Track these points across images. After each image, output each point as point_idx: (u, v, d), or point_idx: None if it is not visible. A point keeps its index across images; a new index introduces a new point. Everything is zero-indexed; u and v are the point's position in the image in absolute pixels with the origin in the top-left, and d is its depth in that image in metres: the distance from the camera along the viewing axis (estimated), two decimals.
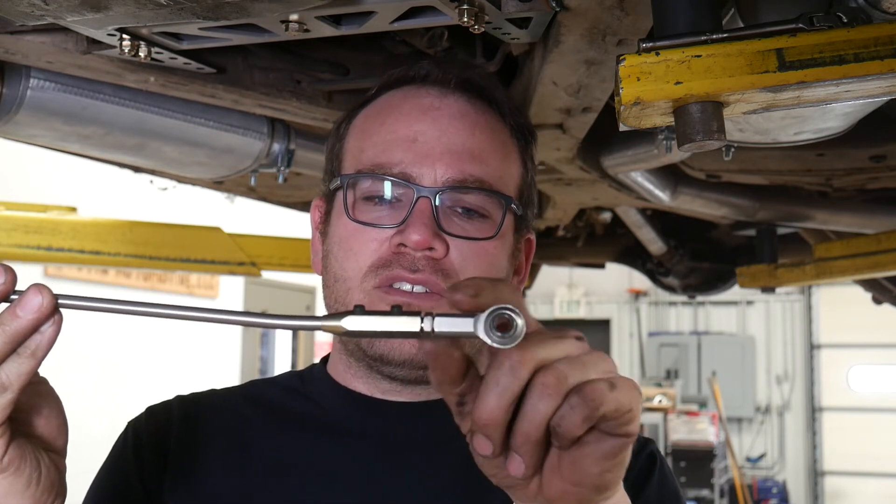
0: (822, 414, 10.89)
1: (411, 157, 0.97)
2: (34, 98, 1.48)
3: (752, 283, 2.90)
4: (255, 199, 2.76)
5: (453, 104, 1.02)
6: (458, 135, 0.99)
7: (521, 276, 1.08)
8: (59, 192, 5.11)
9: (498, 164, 1.01)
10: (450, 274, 0.95)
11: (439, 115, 1.00)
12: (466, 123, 1.00)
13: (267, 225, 3.69)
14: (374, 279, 0.96)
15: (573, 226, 3.20)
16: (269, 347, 9.07)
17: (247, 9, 1.03)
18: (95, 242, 2.46)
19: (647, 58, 0.85)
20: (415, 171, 0.97)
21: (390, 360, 0.96)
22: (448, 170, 0.97)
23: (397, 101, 1.04)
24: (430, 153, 0.97)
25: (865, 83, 0.83)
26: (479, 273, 0.97)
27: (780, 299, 11.12)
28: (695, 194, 2.36)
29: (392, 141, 0.99)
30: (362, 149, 1.02)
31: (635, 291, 11.56)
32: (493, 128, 1.02)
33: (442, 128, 0.99)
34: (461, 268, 0.96)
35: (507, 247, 1.01)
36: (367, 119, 1.05)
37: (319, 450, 1.00)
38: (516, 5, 1.12)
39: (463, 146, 0.98)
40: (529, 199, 1.07)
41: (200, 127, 1.71)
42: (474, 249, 0.97)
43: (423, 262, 0.94)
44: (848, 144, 1.87)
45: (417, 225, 0.94)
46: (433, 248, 0.94)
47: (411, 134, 0.99)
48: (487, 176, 0.98)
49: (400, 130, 1.00)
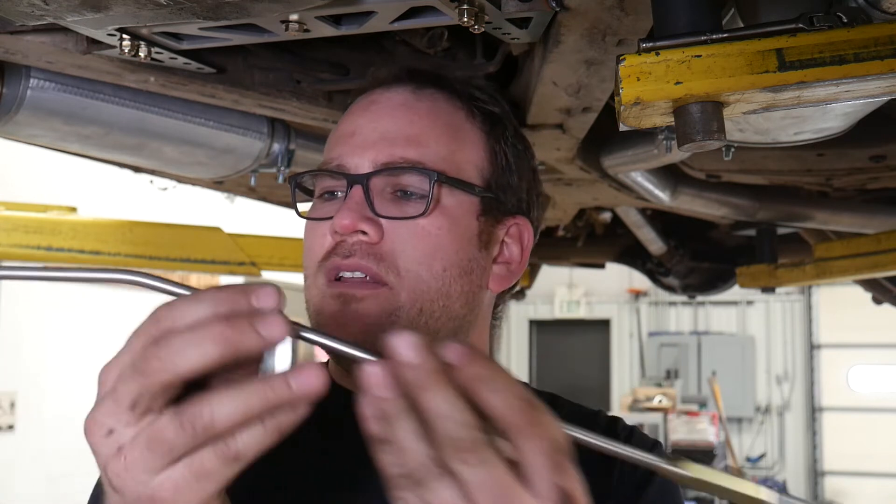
0: (822, 414, 10.89)
1: (348, 150, 0.99)
2: (34, 98, 1.48)
3: (752, 283, 2.90)
4: (255, 199, 2.76)
5: (393, 96, 1.02)
6: (395, 122, 1.00)
7: (512, 264, 1.06)
8: (59, 192, 5.11)
9: (442, 147, 0.99)
10: (385, 257, 0.95)
11: (378, 107, 1.01)
12: (404, 111, 1.01)
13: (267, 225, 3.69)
14: (321, 272, 0.97)
15: (573, 226, 3.20)
16: None
17: (247, 9, 1.03)
18: (95, 242, 2.46)
19: (647, 58, 0.85)
20: (350, 162, 0.98)
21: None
22: (379, 155, 0.97)
23: (352, 106, 1.06)
24: (363, 143, 0.99)
25: (865, 83, 0.83)
26: (421, 253, 0.96)
27: (780, 299, 11.12)
28: (695, 194, 2.36)
29: (335, 140, 1.02)
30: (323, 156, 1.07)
31: (635, 291, 11.56)
32: (438, 112, 1.02)
33: (378, 119, 1.00)
34: (399, 250, 0.95)
35: (458, 228, 0.99)
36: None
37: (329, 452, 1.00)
38: (516, 5, 1.12)
39: (398, 132, 0.99)
40: (504, 183, 1.05)
41: (200, 127, 1.71)
42: (411, 230, 0.96)
43: (356, 248, 0.94)
44: (848, 144, 1.87)
45: (344, 210, 0.94)
46: (364, 231, 0.94)
47: (351, 129, 1.01)
48: (425, 158, 0.98)
49: (342, 129, 1.02)
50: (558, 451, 0.60)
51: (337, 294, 0.94)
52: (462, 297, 0.99)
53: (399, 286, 0.94)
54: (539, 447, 0.59)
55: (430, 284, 0.96)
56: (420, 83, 1.04)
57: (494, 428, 0.60)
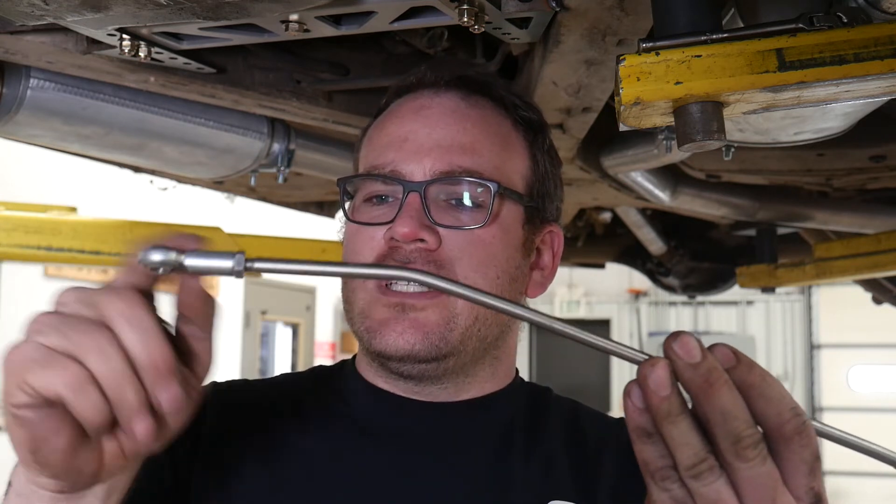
0: (822, 414, 10.88)
1: (402, 156, 0.99)
2: (34, 98, 1.48)
3: (752, 283, 2.90)
4: (255, 199, 2.76)
5: (445, 101, 1.03)
6: (448, 129, 1.00)
7: (544, 270, 1.09)
8: (59, 192, 5.11)
9: (494, 156, 1.01)
10: (443, 265, 0.96)
11: (430, 112, 1.02)
12: (457, 118, 1.01)
13: (267, 225, 3.69)
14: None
15: (573, 226, 3.21)
16: (269, 347, 9.08)
17: (247, 9, 1.03)
18: (95, 242, 2.46)
19: (647, 58, 0.85)
20: (405, 168, 0.98)
21: (389, 355, 0.96)
22: (436, 163, 0.98)
23: (396, 107, 1.06)
24: (419, 150, 0.99)
25: (865, 83, 0.83)
26: (476, 262, 0.97)
27: (780, 299, 11.12)
28: (695, 194, 2.36)
29: (386, 143, 1.02)
30: (365, 156, 1.05)
31: (635, 291, 11.56)
32: (488, 121, 1.03)
33: (431, 125, 1.00)
34: (455, 258, 0.96)
35: (510, 237, 1.01)
36: (373, 129, 1.08)
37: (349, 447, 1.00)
38: (516, 5, 1.12)
39: (453, 140, 0.99)
40: (544, 192, 1.07)
41: (200, 127, 1.71)
42: (468, 239, 0.97)
43: (416, 255, 0.95)
44: (848, 144, 1.87)
45: (405, 217, 0.95)
46: (423, 239, 0.95)
47: (403, 134, 1.01)
48: (479, 167, 0.99)
49: (393, 132, 1.02)
50: (817, 458, 0.64)
51: (395, 303, 0.95)
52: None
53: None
54: (802, 455, 0.62)
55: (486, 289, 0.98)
56: (468, 90, 1.04)
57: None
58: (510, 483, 0.98)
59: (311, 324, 9.26)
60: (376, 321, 0.96)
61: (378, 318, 0.96)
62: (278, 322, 9.06)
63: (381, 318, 0.96)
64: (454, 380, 1.01)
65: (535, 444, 1.02)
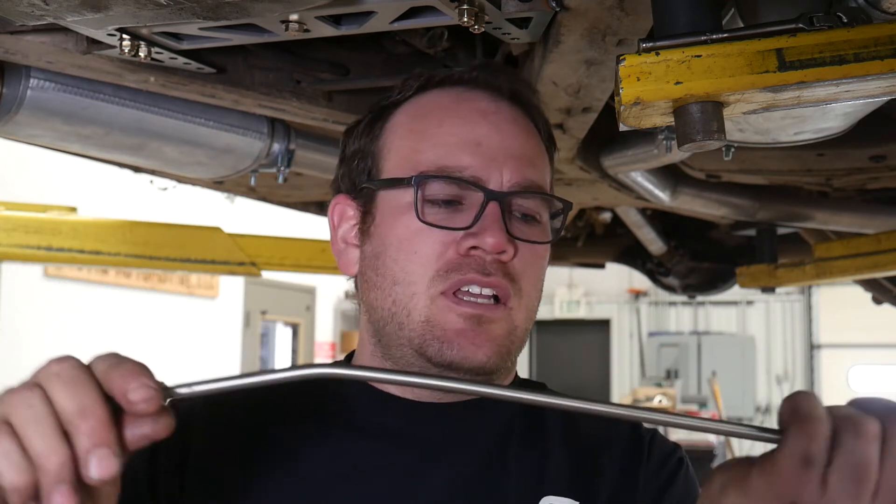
0: None
1: (479, 161, 0.97)
2: (34, 98, 1.48)
3: (752, 283, 2.90)
4: (255, 199, 2.76)
5: (507, 110, 1.02)
6: (517, 140, 1.00)
7: None
8: (59, 192, 5.11)
9: (545, 170, 1.03)
10: (515, 278, 0.96)
11: (498, 119, 1.01)
12: (520, 129, 1.02)
13: (267, 225, 3.69)
14: (443, 283, 0.95)
15: (573, 226, 3.21)
16: (270, 347, 9.08)
17: (247, 9, 1.03)
18: (95, 242, 2.46)
19: (647, 58, 0.85)
20: (483, 175, 0.97)
21: (460, 366, 0.95)
22: (513, 174, 0.98)
23: (450, 103, 1.02)
24: (495, 157, 0.98)
25: (865, 83, 0.83)
26: (535, 277, 0.99)
27: (780, 299, 11.12)
28: (695, 194, 2.36)
29: (456, 144, 0.98)
30: (418, 150, 1.00)
31: (635, 291, 11.56)
32: (535, 134, 1.04)
33: (503, 133, 1.00)
34: (522, 272, 0.97)
35: (548, 251, 1.04)
36: (415, 119, 1.03)
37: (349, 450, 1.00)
38: (516, 5, 1.12)
39: (522, 151, 1.00)
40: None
41: (200, 127, 1.71)
42: (532, 253, 0.99)
43: (495, 266, 0.95)
44: (848, 144, 1.87)
45: (494, 229, 0.94)
46: (505, 251, 0.95)
47: (474, 137, 0.98)
48: (541, 181, 1.01)
49: (462, 133, 0.99)
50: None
51: (471, 314, 0.94)
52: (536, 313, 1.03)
53: (518, 307, 0.97)
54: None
55: (534, 305, 1.01)
56: (517, 100, 1.04)
57: None
58: (505, 480, 0.98)
59: (311, 324, 9.26)
60: (451, 331, 0.94)
61: (454, 329, 0.94)
62: (278, 322, 9.06)
63: (458, 329, 0.94)
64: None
65: (531, 441, 1.02)
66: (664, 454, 1.04)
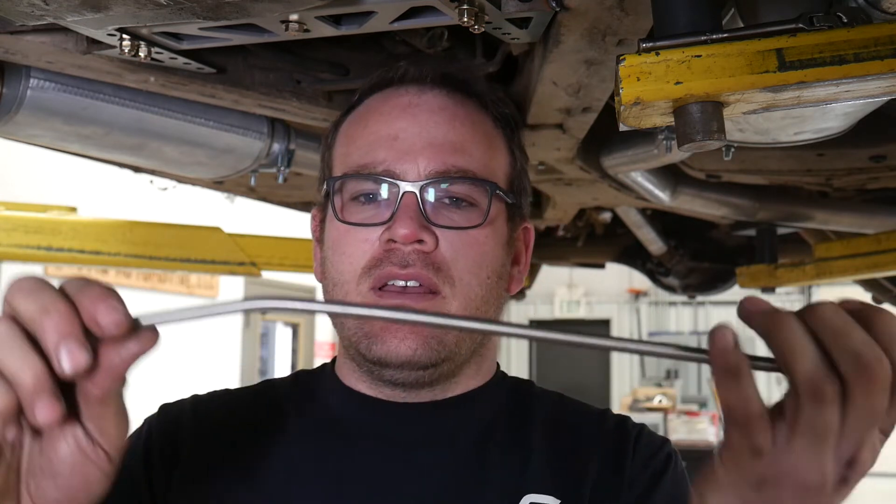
0: None
1: (394, 155, 0.98)
2: (34, 98, 1.48)
3: (752, 283, 2.90)
4: (255, 199, 2.76)
5: (432, 99, 1.02)
6: (439, 128, 0.99)
7: (520, 265, 1.09)
8: (59, 192, 5.11)
9: (482, 154, 1.01)
10: (441, 267, 0.95)
11: (418, 110, 1.01)
12: (446, 116, 1.00)
13: (267, 225, 3.69)
14: (368, 280, 0.96)
15: (573, 226, 3.21)
16: (270, 347, 9.08)
17: (247, 9, 1.03)
18: (95, 242, 2.46)
19: (647, 58, 0.85)
20: (398, 168, 0.97)
21: (388, 362, 0.95)
22: (430, 163, 0.97)
23: (377, 104, 1.04)
24: (411, 149, 0.98)
25: (865, 83, 0.83)
26: (472, 262, 0.97)
27: (780, 299, 11.10)
28: (695, 194, 2.36)
29: (374, 141, 1.00)
30: (348, 153, 1.03)
31: (635, 291, 11.57)
32: (473, 119, 1.03)
33: (421, 123, 0.99)
34: (452, 260, 0.96)
35: (498, 236, 1.01)
36: (350, 125, 1.06)
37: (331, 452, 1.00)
38: (516, 5, 1.12)
39: (444, 139, 0.99)
40: (521, 188, 1.07)
41: (200, 127, 1.71)
42: (464, 240, 0.97)
43: (414, 257, 0.94)
44: (848, 144, 1.87)
45: (404, 219, 0.94)
46: (422, 240, 0.94)
47: (392, 132, 0.99)
48: (471, 165, 0.99)
49: (381, 130, 1.00)
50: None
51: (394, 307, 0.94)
52: (495, 301, 1.01)
53: (451, 295, 0.96)
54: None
55: (478, 292, 0.97)
56: (452, 87, 1.04)
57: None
58: (486, 478, 0.98)
59: (310, 324, 9.27)
60: (378, 327, 0.95)
61: (379, 324, 0.94)
62: (278, 322, 9.07)
63: (382, 324, 0.94)
64: (443, 383, 1.01)
65: (514, 439, 1.02)
66: (651, 451, 1.03)
